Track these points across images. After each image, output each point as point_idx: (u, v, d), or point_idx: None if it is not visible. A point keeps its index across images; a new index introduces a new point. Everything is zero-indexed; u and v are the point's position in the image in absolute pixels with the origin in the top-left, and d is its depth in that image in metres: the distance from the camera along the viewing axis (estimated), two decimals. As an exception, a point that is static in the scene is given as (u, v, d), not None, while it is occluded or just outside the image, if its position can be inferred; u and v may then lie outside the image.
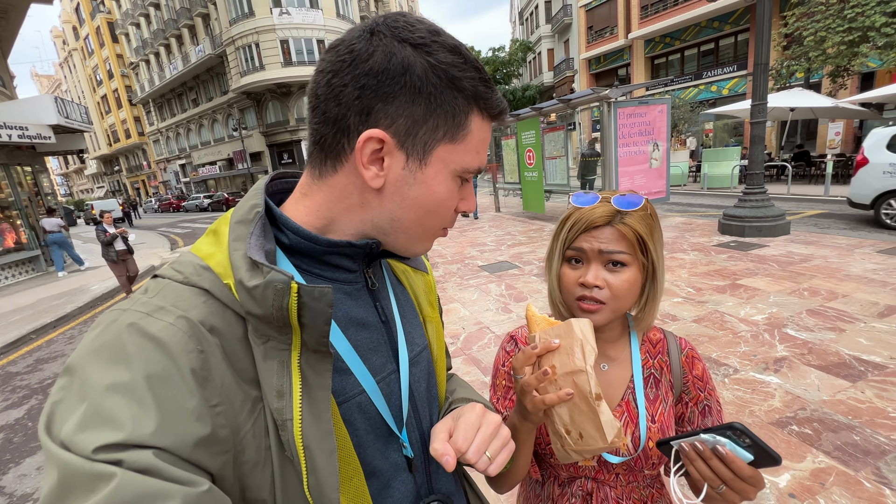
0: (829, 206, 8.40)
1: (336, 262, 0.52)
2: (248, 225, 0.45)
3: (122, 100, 44.35)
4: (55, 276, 9.83)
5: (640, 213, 0.71)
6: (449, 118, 0.46)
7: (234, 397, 0.40)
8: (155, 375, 0.36)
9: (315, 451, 0.42)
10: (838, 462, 1.99)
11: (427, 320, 0.66)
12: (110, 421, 0.34)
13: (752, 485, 0.58)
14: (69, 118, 9.97)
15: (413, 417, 0.58)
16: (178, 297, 0.42)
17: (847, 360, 2.83)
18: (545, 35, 31.48)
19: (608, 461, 0.75)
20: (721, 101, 18.53)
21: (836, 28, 11.12)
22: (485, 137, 0.51)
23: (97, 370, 0.36)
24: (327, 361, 0.44)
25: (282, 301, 0.40)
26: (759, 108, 5.87)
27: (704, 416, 0.79)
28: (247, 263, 0.42)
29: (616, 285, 0.70)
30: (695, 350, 0.82)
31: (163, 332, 0.38)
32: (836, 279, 4.23)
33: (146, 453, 0.33)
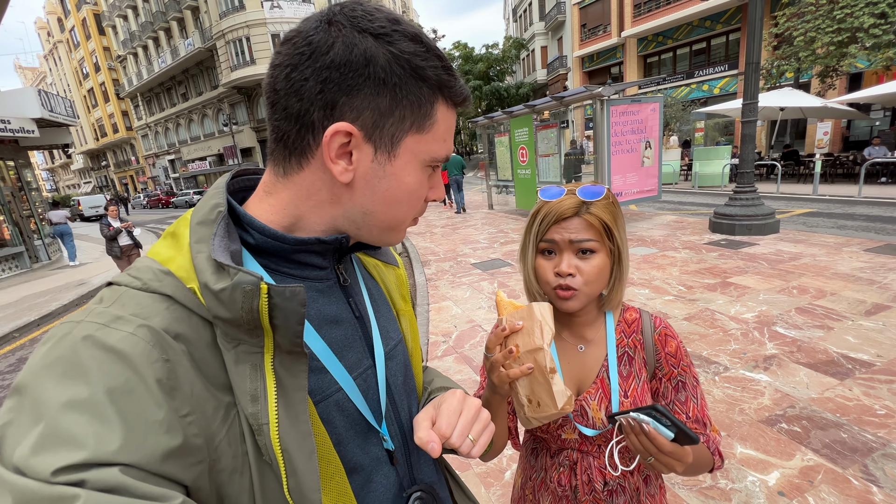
0: (817, 205, 8.50)
1: (305, 260, 0.51)
2: (211, 226, 0.44)
3: (109, 93, 43.50)
4: (40, 273, 9.63)
5: (604, 203, 0.77)
6: (415, 108, 0.46)
7: (206, 405, 0.39)
8: (116, 389, 0.34)
9: (294, 453, 0.41)
10: (826, 460, 2.00)
11: (400, 314, 0.66)
12: (70, 440, 0.32)
13: (676, 458, 0.66)
14: (53, 112, 9.75)
15: (391, 411, 0.58)
16: (138, 304, 0.39)
17: (835, 357, 2.85)
18: (539, 32, 31.46)
19: (586, 434, 0.81)
20: (712, 100, 18.68)
21: (825, 28, 11.25)
22: (450, 125, 0.51)
23: (51, 387, 0.33)
24: (302, 362, 0.43)
25: (251, 303, 0.38)
26: (750, 107, 5.91)
27: (678, 391, 0.83)
28: (211, 266, 0.40)
29: (587, 271, 0.76)
30: (669, 328, 0.85)
31: (122, 342, 0.36)
32: (825, 277, 4.27)
33: (112, 471, 0.32)
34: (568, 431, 0.83)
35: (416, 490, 0.58)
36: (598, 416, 0.80)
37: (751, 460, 2.05)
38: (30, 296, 7.39)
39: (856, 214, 7.40)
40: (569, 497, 0.86)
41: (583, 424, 0.82)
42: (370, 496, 0.53)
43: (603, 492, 0.83)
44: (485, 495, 2.01)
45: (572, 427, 0.83)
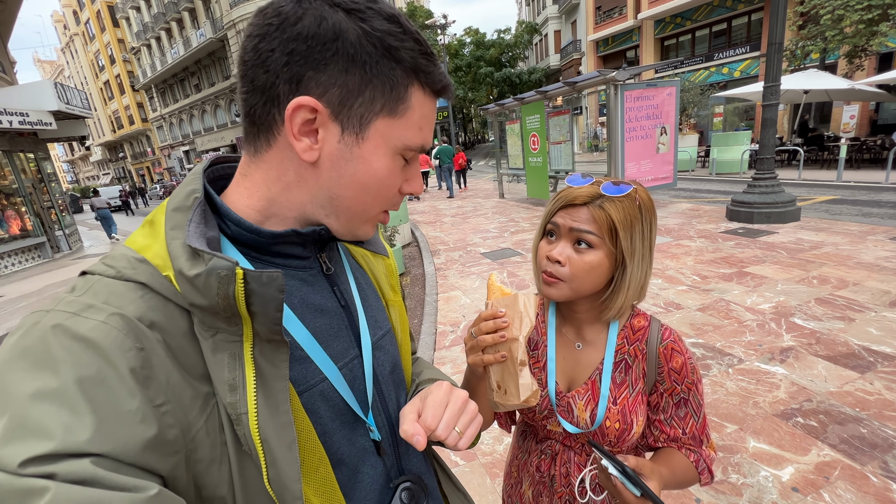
0: (841, 192, 8.19)
1: (285, 251, 0.50)
2: (186, 212, 0.43)
3: (124, 85, 44.08)
4: (61, 262, 9.92)
5: (622, 202, 0.72)
6: (387, 90, 0.44)
7: (182, 395, 0.38)
8: (87, 378, 0.33)
9: (273, 443, 0.40)
10: (844, 455, 1.94)
11: (389, 304, 0.65)
12: (38, 431, 0.31)
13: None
14: (70, 104, 9.91)
15: (378, 401, 0.57)
16: (111, 293, 0.39)
17: (856, 350, 2.75)
18: (552, 16, 30.66)
19: (569, 431, 0.80)
20: (732, 83, 18.04)
21: (854, 6, 10.70)
22: (428, 113, 0.48)
23: (19, 378, 0.33)
24: (283, 351, 0.42)
25: (227, 289, 0.37)
26: (772, 89, 5.67)
27: (679, 407, 0.80)
28: (186, 252, 0.39)
29: (577, 264, 0.73)
30: (678, 343, 0.80)
31: (93, 331, 0.35)
32: (847, 267, 4.12)
33: (83, 462, 0.31)
34: (553, 424, 0.83)
35: (403, 481, 0.57)
36: (584, 417, 0.79)
37: (764, 455, 2.00)
38: (51, 285, 7.60)
39: (882, 201, 7.10)
40: (546, 484, 0.86)
41: (567, 420, 0.81)
42: (357, 487, 0.52)
43: (578, 487, 0.82)
44: (490, 486, 2.00)
45: (556, 421, 0.82)
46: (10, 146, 9.62)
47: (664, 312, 3.57)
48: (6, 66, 10.71)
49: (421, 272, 5.61)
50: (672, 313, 3.54)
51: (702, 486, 0.82)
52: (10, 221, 9.58)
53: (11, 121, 8.51)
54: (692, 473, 0.79)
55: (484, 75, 30.65)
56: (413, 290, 5.03)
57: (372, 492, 0.54)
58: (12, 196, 9.75)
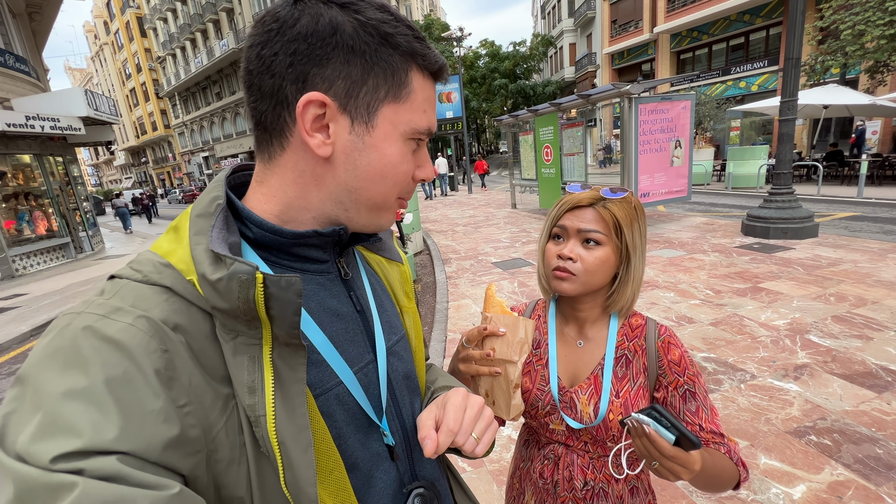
0: (862, 209, 8.03)
1: (305, 254, 0.51)
2: (209, 218, 0.44)
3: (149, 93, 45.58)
4: (84, 262, 10.22)
5: (622, 203, 0.80)
6: (388, 76, 0.46)
7: (204, 396, 0.39)
8: (115, 379, 0.35)
9: (290, 446, 0.41)
10: (858, 475, 1.91)
11: (404, 310, 0.66)
12: (68, 428, 0.32)
13: (679, 463, 0.62)
14: (98, 110, 10.30)
15: (392, 406, 0.57)
16: (137, 296, 0.40)
17: (873, 369, 2.70)
18: (567, 29, 30.88)
19: (572, 427, 0.83)
20: (750, 97, 17.87)
21: (875, 21, 10.57)
22: (429, 96, 0.50)
23: (51, 377, 0.34)
24: (301, 354, 0.43)
25: (248, 293, 0.39)
26: (789, 104, 5.63)
27: (686, 400, 0.81)
28: (209, 257, 0.41)
29: (588, 260, 0.79)
30: (673, 337, 0.84)
31: (121, 333, 0.37)
32: (866, 285, 4.04)
33: (109, 459, 0.32)
34: (556, 422, 0.85)
35: (416, 486, 0.58)
36: (587, 411, 0.81)
37: (775, 472, 1.97)
38: (74, 284, 7.85)
39: (904, 219, 6.95)
40: (549, 491, 0.87)
41: (570, 417, 0.83)
42: (370, 492, 0.52)
43: (582, 490, 0.83)
44: (497, 493, 2.01)
45: (559, 418, 0.84)
46: (41, 150, 10.02)
47: (676, 326, 3.54)
48: (40, 74, 11.20)
49: (432, 280, 5.66)
50: (684, 327, 3.52)
51: (742, 482, 0.78)
52: (37, 222, 9.93)
53: (43, 125, 8.88)
54: (729, 464, 0.76)
55: (498, 87, 30.89)
56: (424, 297, 5.07)
57: (385, 496, 0.54)
58: (41, 197, 10.13)
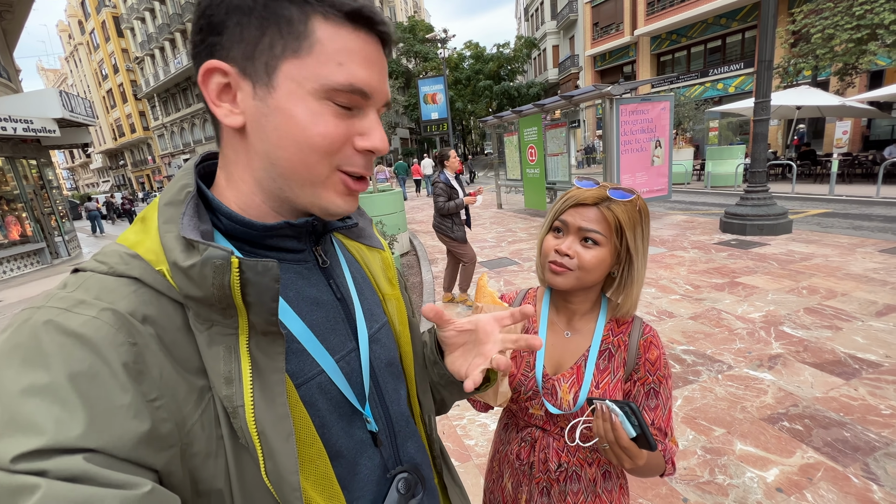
0: (833, 206, 8.34)
1: (279, 245, 0.50)
2: (179, 206, 0.43)
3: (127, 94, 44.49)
4: (60, 268, 9.94)
5: (627, 205, 0.81)
6: (284, 30, 0.42)
7: (177, 389, 0.38)
8: (79, 374, 0.33)
9: (270, 435, 0.40)
10: (827, 458, 2.00)
11: (386, 297, 0.65)
12: (29, 426, 0.31)
13: (628, 455, 0.71)
14: (74, 112, 10.03)
15: (375, 393, 0.57)
16: (103, 288, 0.38)
17: (842, 357, 2.82)
18: (550, 31, 31.28)
19: (551, 412, 0.86)
20: (727, 98, 18.37)
21: (844, 25, 10.99)
22: (347, 46, 0.43)
23: (10, 374, 0.32)
24: (279, 343, 0.42)
25: (222, 279, 0.38)
26: (763, 105, 5.83)
27: (649, 397, 0.86)
28: (181, 244, 0.39)
29: (585, 258, 0.81)
30: (656, 338, 0.88)
31: (85, 326, 0.35)
32: (836, 278, 4.21)
33: (75, 459, 0.31)
34: (535, 407, 0.88)
35: (400, 471, 0.58)
36: (567, 398, 0.84)
37: (750, 457, 2.05)
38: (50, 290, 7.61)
39: (873, 215, 7.24)
40: (525, 472, 0.90)
41: (551, 403, 0.86)
42: (354, 479, 0.52)
43: (556, 472, 0.87)
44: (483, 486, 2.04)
45: (540, 403, 0.87)
46: (14, 153, 9.71)
47: (657, 321, 3.63)
48: (11, 74, 10.85)
49: (419, 280, 5.67)
50: (665, 321, 3.61)
51: (665, 476, 0.86)
52: (10, 227, 9.62)
53: (16, 127, 8.62)
54: (660, 462, 0.83)
55: (483, 88, 31.10)
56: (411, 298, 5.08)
57: (369, 483, 0.54)
58: (13, 202, 9.82)
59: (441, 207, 4.18)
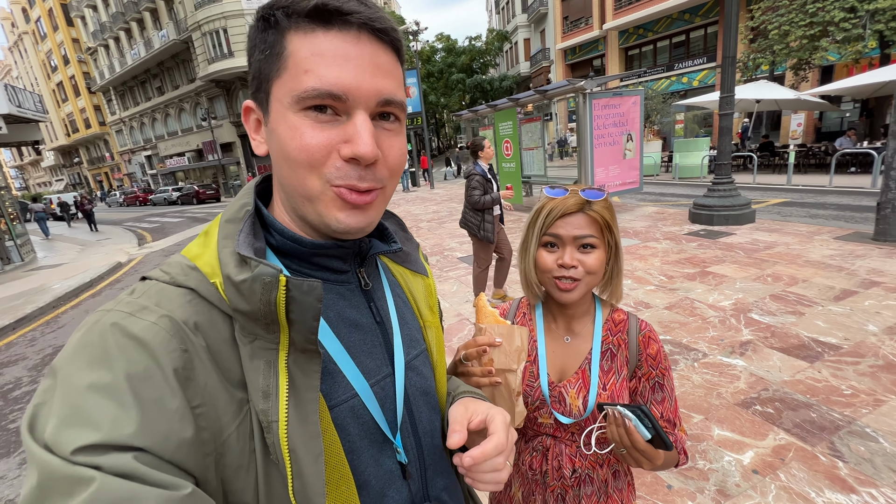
0: (791, 195, 8.79)
1: (325, 264, 0.52)
2: (238, 223, 0.46)
3: (79, 87, 41.92)
4: (14, 274, 9.32)
5: (603, 203, 0.85)
6: (272, 57, 0.44)
7: (218, 399, 0.40)
8: (136, 375, 0.36)
9: (301, 454, 0.41)
10: (797, 438, 2.12)
11: (427, 325, 0.64)
12: (88, 421, 0.33)
13: (646, 457, 0.73)
14: (22, 107, 9.39)
15: (408, 422, 0.56)
16: (163, 297, 0.41)
17: (806, 341, 2.99)
18: (521, 24, 31.43)
19: (561, 421, 0.86)
20: (692, 92, 19.01)
21: (798, 22, 11.54)
22: (317, 49, 0.42)
23: (79, 371, 0.35)
24: (315, 361, 0.43)
25: (269, 295, 0.39)
26: (727, 100, 6.05)
27: (654, 391, 0.88)
28: (235, 259, 0.42)
29: (589, 264, 0.83)
30: (653, 332, 0.90)
31: (145, 331, 0.38)
32: (797, 265, 4.45)
33: (126, 457, 0.33)
34: (544, 416, 0.88)
35: None
36: (576, 404, 0.85)
37: (727, 441, 2.15)
38: (4, 298, 7.15)
39: (827, 203, 7.68)
40: (538, 482, 0.90)
41: (559, 412, 0.86)
42: None
43: (571, 478, 0.87)
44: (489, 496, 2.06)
45: (548, 412, 0.87)
46: (-45, 151, 9.01)
47: (635, 311, 3.72)
48: (-51, 67, 10.03)
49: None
50: (641, 312, 3.73)
51: (679, 466, 0.87)
52: (-46, 232, 8.94)
53: (-44, 125, 7.99)
54: (674, 455, 0.83)
55: (456, 81, 30.99)
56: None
57: None
58: (-43, 205, 9.12)
59: (476, 202, 3.89)
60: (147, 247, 11.54)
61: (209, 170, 31.58)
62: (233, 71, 24.41)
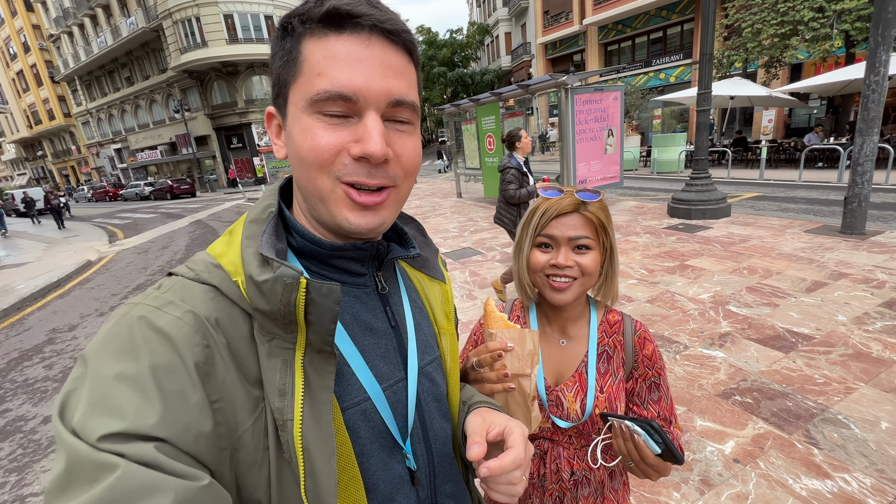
0: (763, 190, 9.08)
1: (343, 266, 0.53)
2: (261, 224, 0.47)
3: (42, 76, 39.86)
4: (-28, 275, 8.84)
5: (599, 204, 0.85)
6: (289, 62, 0.46)
7: (235, 395, 0.40)
8: (160, 367, 0.37)
9: (314, 453, 0.41)
10: (775, 427, 2.19)
11: (442, 332, 0.64)
12: (114, 410, 0.34)
13: (656, 470, 0.73)
14: (-22, 97, 8.84)
15: (419, 428, 0.56)
16: (188, 292, 0.43)
17: (781, 332, 3.10)
18: (502, 18, 31.36)
19: (559, 426, 0.86)
20: (669, 88, 19.39)
21: (770, 21, 11.87)
22: (329, 53, 0.43)
23: (107, 360, 0.37)
24: (330, 362, 0.44)
25: (290, 296, 0.41)
26: (704, 96, 6.18)
27: (651, 391, 0.89)
28: (257, 259, 0.43)
29: (584, 264, 0.82)
30: (648, 332, 0.91)
31: (170, 325, 0.39)
32: (771, 258, 4.60)
33: (148, 446, 0.34)
34: (542, 421, 0.88)
35: None
36: (574, 408, 0.85)
37: (709, 432, 2.21)
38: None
39: (797, 198, 7.96)
40: (535, 485, 0.90)
41: (557, 416, 0.86)
42: None
43: (569, 481, 0.88)
44: (465, 481, 2.06)
45: (546, 417, 0.87)
46: None
47: (617, 305, 3.81)
48: None
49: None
50: (624, 306, 3.79)
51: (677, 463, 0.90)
52: None
53: None
54: None
55: (437, 75, 30.79)
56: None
57: None
58: None
59: (512, 196, 3.75)
60: (119, 244, 11.11)
61: (183, 164, 30.58)
62: (207, 61, 23.61)
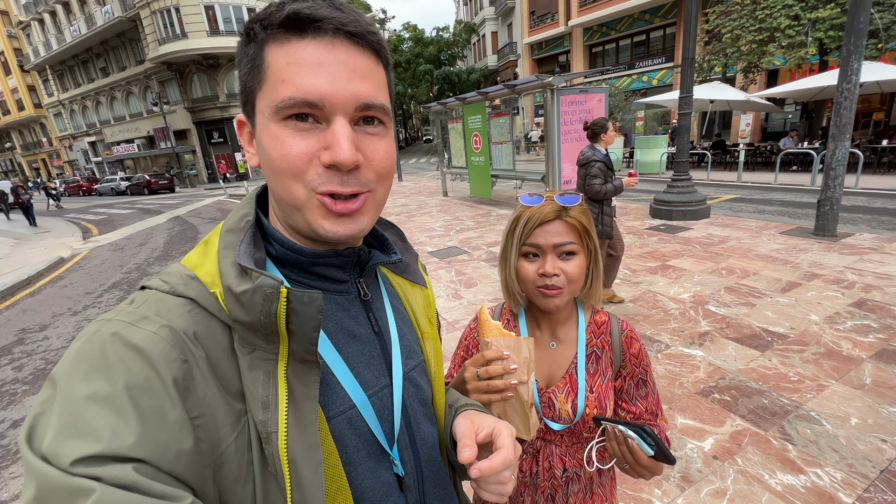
0: (741, 192, 9.33)
1: (325, 273, 0.52)
2: (238, 234, 0.46)
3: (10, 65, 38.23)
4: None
5: (580, 208, 0.85)
6: (254, 70, 0.44)
7: (216, 410, 0.39)
8: (136, 385, 0.35)
9: (300, 464, 0.41)
10: (751, 424, 2.26)
11: (425, 336, 0.63)
12: (88, 432, 0.33)
13: (649, 471, 0.76)
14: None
15: (405, 434, 0.55)
16: (163, 306, 0.41)
17: (757, 331, 3.19)
18: (489, 17, 31.43)
19: (551, 427, 0.88)
20: (651, 90, 19.72)
21: (749, 27, 12.19)
22: (293, 59, 0.42)
23: (78, 381, 0.35)
24: (314, 372, 0.43)
25: (270, 306, 0.39)
26: (686, 100, 6.32)
27: (639, 388, 0.92)
28: (235, 270, 0.42)
29: (570, 271, 0.83)
30: (634, 332, 0.93)
31: (145, 341, 0.37)
32: (748, 259, 4.73)
33: (126, 468, 0.32)
34: None
35: None
36: (565, 409, 0.87)
37: (689, 429, 2.27)
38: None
39: (773, 200, 8.21)
40: (527, 483, 0.93)
41: (549, 417, 0.88)
42: None
43: (561, 478, 0.90)
44: (451, 482, 2.07)
45: (539, 419, 0.88)
46: None
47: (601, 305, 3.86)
48: None
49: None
50: (608, 306, 3.85)
51: None
52: None
53: None
54: None
55: (423, 72, 30.68)
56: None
57: None
58: None
59: (598, 192, 3.44)
60: (93, 240, 10.74)
61: (161, 158, 29.71)
62: (186, 53, 22.98)
